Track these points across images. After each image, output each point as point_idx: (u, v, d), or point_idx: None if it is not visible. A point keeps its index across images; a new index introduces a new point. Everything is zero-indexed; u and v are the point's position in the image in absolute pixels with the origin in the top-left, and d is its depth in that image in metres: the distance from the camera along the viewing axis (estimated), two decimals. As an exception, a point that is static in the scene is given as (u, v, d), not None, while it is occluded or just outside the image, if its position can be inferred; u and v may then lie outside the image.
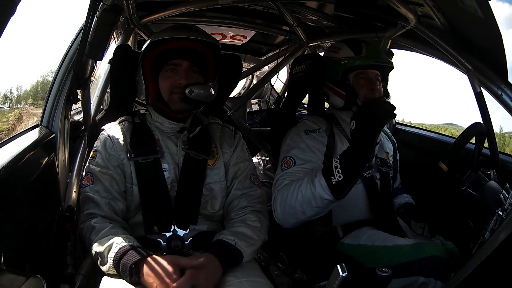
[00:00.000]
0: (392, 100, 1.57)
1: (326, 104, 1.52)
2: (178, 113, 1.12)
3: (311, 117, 1.41)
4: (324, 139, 1.33)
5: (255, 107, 3.44)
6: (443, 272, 1.07)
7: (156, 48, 1.12)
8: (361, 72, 1.35)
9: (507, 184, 1.09)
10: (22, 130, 1.27)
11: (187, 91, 1.06)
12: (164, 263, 0.88)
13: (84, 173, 1.12)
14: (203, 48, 1.14)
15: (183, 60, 1.10)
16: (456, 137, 1.47)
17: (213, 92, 1.09)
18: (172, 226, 1.07)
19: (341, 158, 1.09)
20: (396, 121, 2.17)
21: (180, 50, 1.11)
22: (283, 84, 2.42)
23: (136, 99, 1.28)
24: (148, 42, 1.13)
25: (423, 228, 1.32)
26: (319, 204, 1.13)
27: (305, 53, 2.04)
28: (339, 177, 1.07)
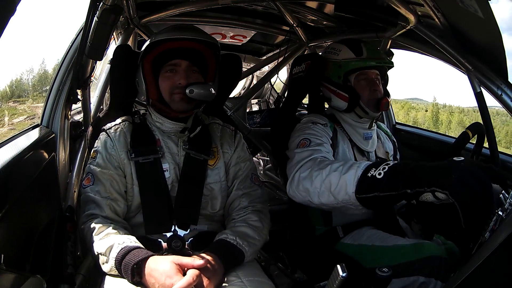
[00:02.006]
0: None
1: (326, 104, 1.52)
2: (180, 113, 1.12)
3: (314, 114, 1.41)
4: (330, 133, 1.33)
5: (255, 107, 3.44)
6: (443, 272, 1.07)
7: (155, 49, 1.12)
8: (361, 73, 1.35)
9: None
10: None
11: (187, 91, 1.06)
12: (166, 263, 0.88)
13: (84, 174, 1.12)
14: (201, 48, 1.14)
15: (182, 60, 1.10)
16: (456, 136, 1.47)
17: (213, 91, 1.09)
18: (173, 226, 1.07)
19: (395, 166, 0.89)
20: (396, 121, 2.17)
21: (179, 50, 1.11)
22: (283, 84, 2.42)
23: (136, 99, 1.29)
24: (147, 43, 1.13)
25: (421, 230, 1.32)
26: (337, 193, 0.97)
27: (305, 53, 2.04)
28: (379, 173, 0.89)
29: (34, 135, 1.22)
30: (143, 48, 1.13)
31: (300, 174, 1.09)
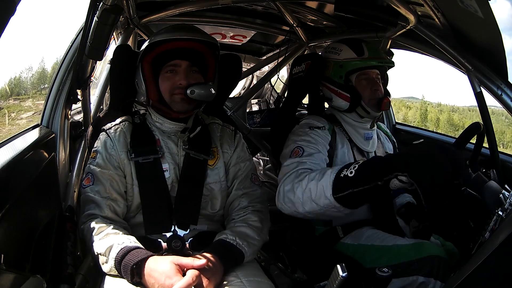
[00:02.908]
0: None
1: (325, 104, 1.52)
2: (180, 113, 1.12)
3: (313, 116, 1.41)
4: (328, 137, 1.32)
5: (255, 107, 3.44)
6: (442, 272, 1.07)
7: (154, 49, 1.12)
8: (362, 72, 1.34)
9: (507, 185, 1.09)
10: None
11: (188, 91, 1.06)
12: (165, 263, 0.88)
13: (84, 174, 1.12)
14: (201, 48, 1.14)
15: (182, 60, 1.10)
16: (456, 137, 1.47)
17: (213, 91, 1.09)
18: (173, 226, 1.07)
19: (364, 162, 0.96)
20: (396, 121, 2.17)
21: (179, 50, 1.10)
22: (283, 84, 2.42)
23: (136, 99, 1.29)
24: (145, 44, 1.12)
25: (415, 228, 1.32)
26: (317, 199, 1.01)
27: (305, 53, 2.04)
28: (351, 172, 0.95)
29: (34, 135, 1.22)
30: (142, 48, 1.13)
31: (284, 187, 1.12)
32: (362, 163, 0.95)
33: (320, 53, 1.52)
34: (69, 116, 1.39)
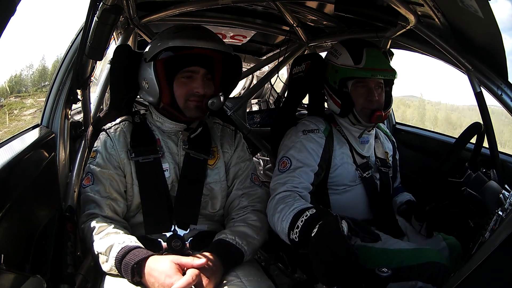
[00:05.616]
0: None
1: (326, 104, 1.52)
2: (193, 119, 1.13)
3: (310, 117, 1.41)
4: (322, 140, 1.32)
5: (255, 107, 3.44)
6: (442, 278, 1.07)
7: (172, 51, 1.08)
8: (360, 80, 1.31)
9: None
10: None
11: (209, 102, 1.08)
12: (165, 263, 0.88)
13: (84, 174, 1.13)
14: (217, 56, 1.12)
15: (200, 67, 1.09)
16: (456, 137, 1.47)
17: (222, 100, 1.12)
18: (173, 225, 1.08)
19: (305, 223, 0.99)
20: (396, 121, 2.17)
21: (198, 56, 1.08)
22: (283, 84, 2.42)
23: (137, 99, 1.28)
24: (159, 43, 1.10)
25: (421, 225, 1.32)
26: (283, 236, 1.07)
27: (305, 53, 2.04)
28: (295, 237, 1.01)
29: (34, 135, 1.22)
30: (157, 50, 1.09)
31: (268, 212, 1.15)
32: (301, 230, 1.00)
33: (320, 53, 1.52)
34: (69, 116, 1.39)
